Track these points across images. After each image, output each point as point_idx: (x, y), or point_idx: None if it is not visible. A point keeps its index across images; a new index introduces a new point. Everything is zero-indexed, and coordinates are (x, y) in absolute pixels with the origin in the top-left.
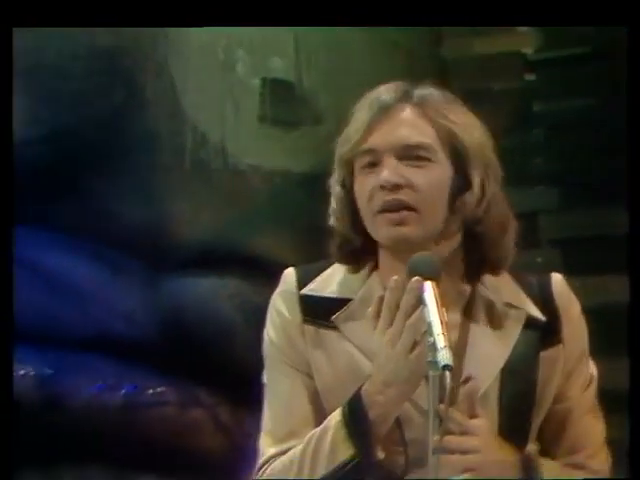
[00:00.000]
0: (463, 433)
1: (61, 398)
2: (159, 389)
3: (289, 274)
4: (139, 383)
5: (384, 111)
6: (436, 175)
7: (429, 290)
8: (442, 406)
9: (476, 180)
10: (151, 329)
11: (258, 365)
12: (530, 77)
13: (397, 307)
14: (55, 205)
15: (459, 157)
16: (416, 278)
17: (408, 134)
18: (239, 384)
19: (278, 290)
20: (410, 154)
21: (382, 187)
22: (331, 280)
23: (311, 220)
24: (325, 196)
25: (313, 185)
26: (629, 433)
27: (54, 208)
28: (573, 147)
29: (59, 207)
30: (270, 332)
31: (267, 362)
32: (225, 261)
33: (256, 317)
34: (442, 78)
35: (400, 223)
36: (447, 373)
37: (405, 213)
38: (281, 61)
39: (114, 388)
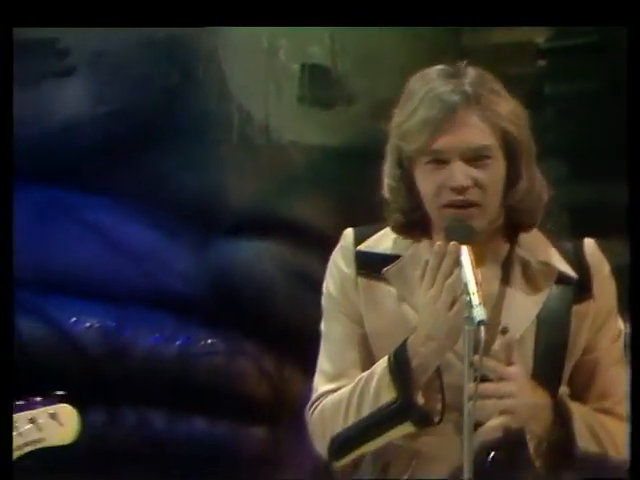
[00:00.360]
0: (500, 379)
1: (123, 348)
2: (210, 341)
3: (348, 233)
4: (192, 335)
5: (447, 113)
6: (496, 171)
7: (465, 254)
8: (477, 357)
9: (525, 170)
10: (203, 287)
11: (297, 318)
12: (542, 63)
13: (439, 269)
14: (118, 175)
15: (512, 151)
16: (453, 243)
17: (472, 138)
18: (281, 336)
19: (337, 247)
20: (474, 155)
21: (452, 189)
22: (384, 239)
23: (344, 189)
24: (356, 168)
25: (346, 158)
26: (629, 433)
27: (118, 178)
28: (579, 125)
29: (122, 177)
30: (329, 285)
31: (324, 311)
32: (267, 226)
33: (294, 276)
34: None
35: (467, 219)
36: (482, 327)
37: (472, 210)
38: (318, 48)
39: (170, 340)
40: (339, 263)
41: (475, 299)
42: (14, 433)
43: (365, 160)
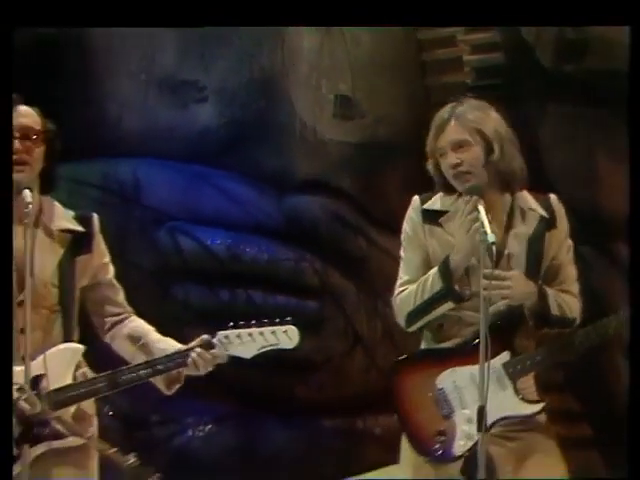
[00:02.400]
0: (504, 278)
1: (238, 255)
2: (287, 255)
3: (415, 199)
4: (276, 250)
5: (442, 124)
6: (474, 152)
7: (480, 204)
8: (487, 270)
9: (496, 147)
10: (281, 222)
11: (355, 253)
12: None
13: (469, 214)
14: (231, 157)
15: (485, 140)
16: (475, 197)
17: (455, 136)
18: (344, 265)
19: (410, 207)
20: (458, 145)
21: (452, 166)
22: (437, 201)
23: (360, 169)
24: (369, 157)
25: (360, 149)
26: (629, 433)
27: (231, 159)
28: None
29: (234, 158)
30: (406, 227)
31: (403, 244)
32: (319, 189)
33: (335, 219)
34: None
35: (466, 181)
36: (493, 247)
37: (467, 176)
38: (344, 85)
39: (262, 251)
40: (412, 216)
41: (488, 229)
42: (255, 332)
43: (370, 150)
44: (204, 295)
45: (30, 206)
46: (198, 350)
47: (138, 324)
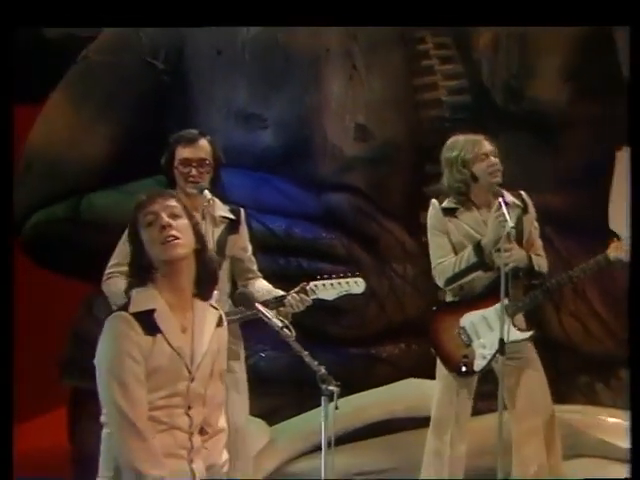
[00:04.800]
0: (512, 249)
1: (291, 233)
2: (325, 234)
3: (434, 201)
4: (314, 228)
5: (478, 141)
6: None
7: (502, 202)
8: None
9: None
10: (314, 208)
11: (370, 233)
12: None
13: (496, 211)
14: (284, 165)
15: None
16: (499, 198)
17: (490, 147)
18: (362, 242)
19: (430, 207)
20: (493, 154)
21: (491, 165)
22: (450, 202)
23: (373, 179)
24: (378, 167)
25: (374, 162)
26: (629, 433)
27: (284, 166)
28: None
29: (286, 166)
30: (432, 222)
31: (430, 233)
32: (347, 189)
33: (365, 214)
34: None
35: (497, 177)
36: (512, 230)
37: (499, 172)
38: (362, 117)
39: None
40: (434, 213)
41: (508, 218)
42: (335, 283)
43: (379, 162)
44: (267, 261)
45: (211, 201)
46: (294, 294)
47: (262, 283)
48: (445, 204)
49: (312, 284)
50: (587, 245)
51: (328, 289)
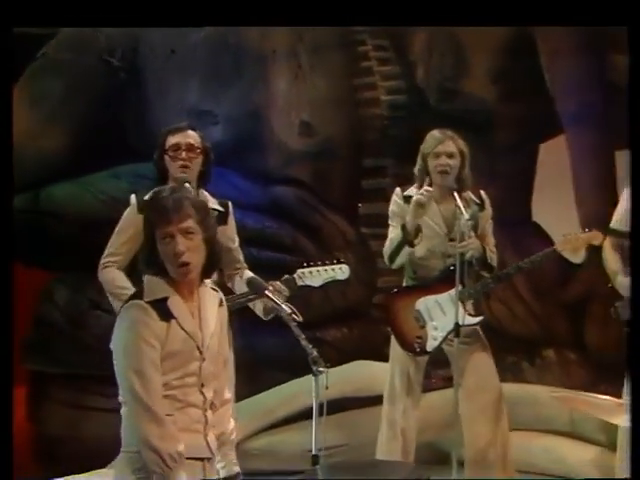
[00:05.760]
0: (470, 238)
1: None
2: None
3: (398, 189)
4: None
5: (442, 139)
6: (454, 162)
7: (456, 194)
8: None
9: (466, 163)
10: (267, 204)
11: (313, 223)
12: None
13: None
14: (233, 160)
15: (462, 156)
16: (454, 191)
17: (450, 148)
18: (307, 231)
19: (394, 195)
20: (449, 155)
21: (440, 165)
22: (412, 190)
23: (316, 172)
24: (321, 161)
25: (317, 156)
26: (629, 433)
27: (233, 162)
28: None
29: (235, 162)
30: (393, 207)
31: (390, 217)
32: (293, 181)
33: (309, 205)
34: None
35: (444, 178)
36: (469, 222)
37: (446, 175)
38: (306, 114)
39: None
40: (396, 199)
41: (464, 210)
42: (321, 269)
43: (322, 157)
44: None
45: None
46: (276, 284)
47: (248, 273)
48: (407, 192)
49: (299, 271)
50: (513, 236)
51: (315, 276)
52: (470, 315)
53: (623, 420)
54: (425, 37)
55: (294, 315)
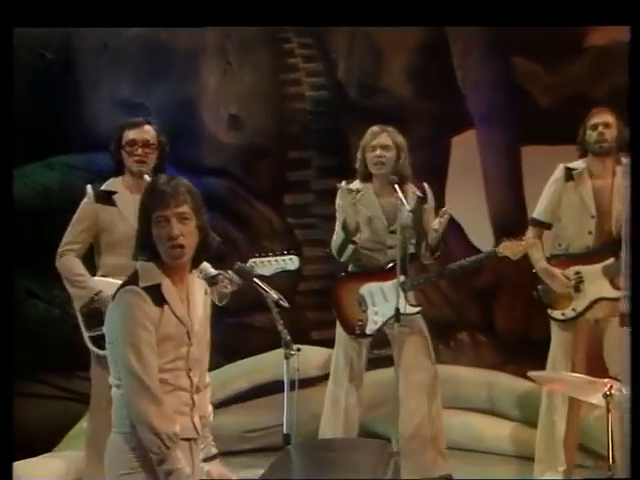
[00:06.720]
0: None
1: None
2: None
3: (343, 183)
4: None
5: (379, 132)
6: (390, 152)
7: (397, 187)
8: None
9: (402, 154)
10: None
11: (242, 213)
12: None
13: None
14: None
15: (398, 148)
16: (395, 184)
17: (384, 141)
18: (236, 221)
19: (339, 189)
20: (384, 147)
21: (376, 157)
22: (356, 184)
23: (244, 164)
24: (249, 153)
25: (245, 149)
26: (629, 432)
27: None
28: None
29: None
30: (338, 200)
31: (338, 210)
32: (222, 173)
33: (239, 195)
34: None
35: (380, 169)
36: (410, 214)
37: (382, 166)
38: (234, 108)
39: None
40: (341, 193)
41: (405, 202)
42: (272, 260)
43: (250, 149)
44: None
45: None
46: (228, 274)
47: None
48: (351, 186)
49: (251, 261)
50: None
51: (266, 265)
52: (411, 305)
53: (598, 399)
54: (346, 36)
55: (281, 301)
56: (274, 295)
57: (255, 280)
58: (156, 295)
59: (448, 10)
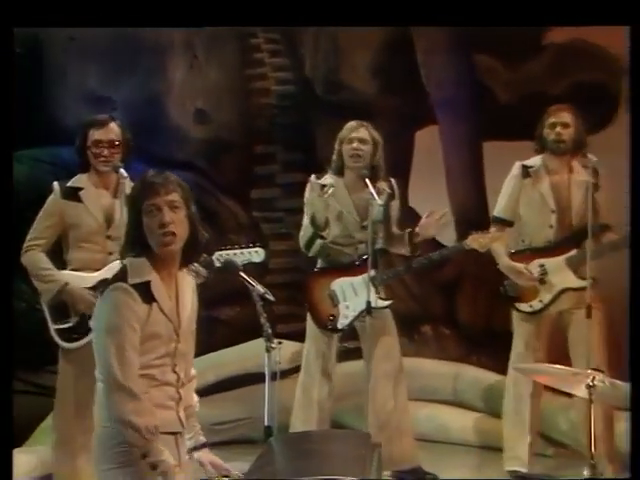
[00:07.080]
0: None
1: None
2: None
3: (313, 177)
4: None
5: (357, 127)
6: (368, 144)
7: (368, 181)
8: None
9: (378, 149)
10: None
11: (209, 208)
12: None
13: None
14: None
15: (374, 143)
16: (366, 178)
17: (362, 135)
18: (202, 215)
19: (309, 183)
20: (362, 140)
21: (353, 149)
22: (327, 179)
23: (211, 158)
24: (215, 147)
25: (211, 143)
26: (630, 432)
27: None
28: None
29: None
30: (306, 195)
31: (305, 205)
32: (189, 167)
33: (206, 190)
34: None
35: (357, 162)
36: (381, 208)
37: (359, 159)
38: (200, 103)
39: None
40: (310, 188)
41: (376, 196)
42: (238, 252)
43: (216, 143)
44: None
45: (127, 180)
46: (194, 267)
47: None
48: (322, 180)
49: (217, 253)
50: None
51: (231, 257)
52: (381, 299)
53: (581, 390)
54: (313, 33)
55: (267, 295)
56: (260, 289)
57: (241, 274)
58: (145, 292)
59: (413, 10)
